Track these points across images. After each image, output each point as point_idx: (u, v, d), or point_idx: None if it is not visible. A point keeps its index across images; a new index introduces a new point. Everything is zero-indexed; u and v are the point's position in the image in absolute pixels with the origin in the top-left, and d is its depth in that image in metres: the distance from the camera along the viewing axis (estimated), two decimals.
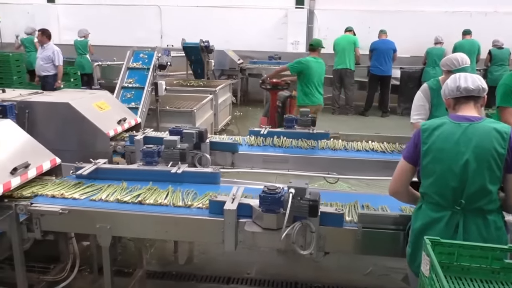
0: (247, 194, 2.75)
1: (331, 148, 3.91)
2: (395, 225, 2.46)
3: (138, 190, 2.86)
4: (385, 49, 9.95)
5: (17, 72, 10.32)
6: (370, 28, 10.98)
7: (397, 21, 11.18)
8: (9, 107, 3.84)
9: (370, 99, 10.42)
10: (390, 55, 9.98)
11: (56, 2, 13.58)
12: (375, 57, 10.05)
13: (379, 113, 10.36)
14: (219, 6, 12.40)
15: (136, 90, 6.29)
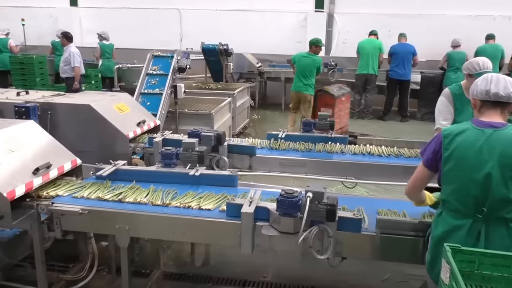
0: (264, 197, 2.75)
1: (349, 153, 3.87)
2: (414, 232, 2.43)
3: (156, 191, 2.88)
4: (404, 53, 9.84)
5: (40, 74, 10.53)
6: (390, 32, 10.87)
7: (417, 25, 11.05)
8: (32, 109, 3.92)
9: (389, 104, 10.31)
10: (410, 59, 9.86)
11: (79, 6, 13.83)
12: (394, 61, 9.94)
13: (398, 117, 10.25)
14: (239, 10, 12.45)
15: (160, 77, 6.50)
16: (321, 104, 7.93)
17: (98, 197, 2.78)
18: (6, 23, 11.68)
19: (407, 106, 10.19)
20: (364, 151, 3.88)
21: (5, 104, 4.15)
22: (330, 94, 7.97)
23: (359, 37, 10.40)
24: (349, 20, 12.02)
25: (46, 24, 13.19)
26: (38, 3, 13.56)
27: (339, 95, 8.02)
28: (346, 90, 8.54)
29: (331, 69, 10.26)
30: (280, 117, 10.52)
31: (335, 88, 8.28)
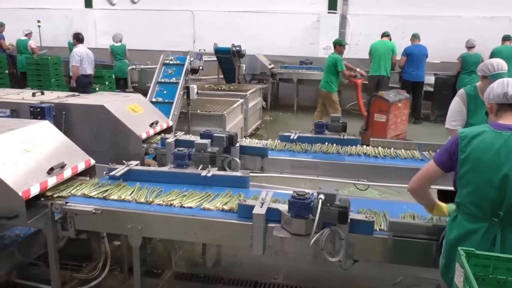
0: (276, 198, 2.74)
1: (362, 154, 3.85)
2: (427, 235, 2.40)
3: (169, 192, 2.90)
4: (418, 54, 9.75)
5: (55, 75, 10.67)
6: (404, 33, 10.79)
7: (431, 26, 10.96)
8: (47, 109, 3.97)
9: None
10: (423, 61, 9.78)
11: (94, 7, 13.98)
12: (408, 62, 9.85)
13: (412, 119, 10.15)
14: (252, 11, 12.48)
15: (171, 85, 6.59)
16: (375, 109, 7.73)
17: (111, 197, 2.80)
18: (22, 24, 11.85)
19: (421, 108, 10.11)
20: (377, 153, 3.86)
21: (20, 104, 4.21)
22: (384, 100, 7.65)
23: (372, 38, 10.34)
24: (362, 21, 11.96)
25: (62, 26, 13.38)
26: (54, 5, 13.74)
27: (394, 100, 7.69)
28: (404, 96, 8.17)
29: None
30: (292, 119, 10.51)
31: (392, 93, 7.97)
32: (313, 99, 12.02)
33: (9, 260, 3.01)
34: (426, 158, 3.75)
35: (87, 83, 8.89)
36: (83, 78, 8.74)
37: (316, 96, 11.40)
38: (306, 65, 11.40)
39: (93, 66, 9.05)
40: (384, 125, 7.55)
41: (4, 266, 2.98)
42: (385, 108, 7.60)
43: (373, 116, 7.71)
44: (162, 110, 5.85)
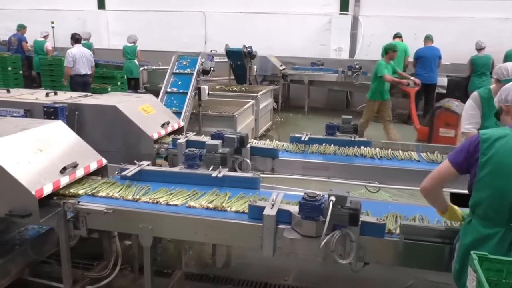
0: (286, 200, 2.74)
1: (373, 157, 3.83)
2: (440, 238, 2.38)
3: (179, 192, 2.91)
4: (431, 56, 9.65)
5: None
6: (416, 34, 10.71)
7: (444, 28, 10.87)
8: (60, 109, 4.01)
9: None
10: (436, 63, 9.69)
11: (106, 9, 14.11)
12: (420, 64, 9.76)
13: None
14: (263, 12, 12.49)
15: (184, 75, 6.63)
16: (440, 123, 6.85)
17: (123, 197, 2.82)
18: (38, 25, 12.00)
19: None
20: (388, 155, 3.84)
21: (34, 104, 4.26)
22: (452, 112, 6.68)
23: (384, 40, 10.27)
24: (374, 22, 11.91)
25: (75, 27, 13.45)
26: (67, 6, 13.90)
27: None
28: None
29: (355, 72, 10.20)
30: (303, 120, 10.49)
31: (454, 104, 6.94)
32: (324, 100, 12.02)
33: (22, 258, 3.04)
34: (438, 160, 3.72)
35: (83, 82, 9.02)
36: (78, 78, 8.92)
37: (328, 98, 11.37)
38: (317, 66, 11.37)
39: (89, 66, 9.13)
40: (452, 140, 6.43)
41: (17, 263, 3.01)
42: (453, 122, 6.64)
43: (438, 131, 6.80)
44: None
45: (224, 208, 2.69)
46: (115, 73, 10.69)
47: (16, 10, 13.76)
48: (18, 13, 13.46)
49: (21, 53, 11.40)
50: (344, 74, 10.41)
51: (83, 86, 8.99)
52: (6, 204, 2.60)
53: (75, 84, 8.91)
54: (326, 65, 11.33)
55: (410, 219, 2.62)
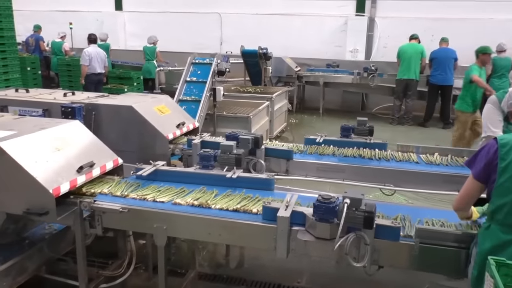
0: (300, 202, 2.73)
1: (388, 159, 3.80)
2: (456, 243, 2.34)
3: (194, 192, 2.93)
4: (445, 58, 9.57)
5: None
6: (434, 36, 10.60)
7: (462, 29, 10.73)
8: (77, 109, 4.06)
9: (430, 110, 10.04)
10: (451, 64, 9.58)
11: (123, 10, 14.26)
12: (434, 66, 9.68)
13: (440, 124, 9.97)
14: (279, 14, 12.49)
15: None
16: None
17: (138, 196, 2.84)
18: (56, 26, 12.19)
19: (450, 112, 9.88)
20: (404, 158, 3.80)
21: (53, 104, 4.32)
22: None
23: (401, 41, 10.21)
24: (391, 24, 11.82)
25: (93, 28, 13.64)
26: (85, 8, 14.09)
27: None
28: None
29: (371, 74, 10.14)
30: (318, 122, 10.46)
31: None
32: (339, 102, 11.97)
33: (39, 255, 3.09)
34: (453, 164, 3.67)
35: (97, 81, 9.48)
36: (93, 76, 9.36)
37: (343, 100, 11.32)
38: (332, 67, 11.32)
39: (103, 65, 9.54)
40: None
41: (34, 261, 3.06)
42: None
43: None
44: None
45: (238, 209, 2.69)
46: (132, 74, 10.80)
47: (35, 12, 13.99)
48: (37, 15, 13.69)
49: (39, 53, 11.59)
50: (360, 76, 10.35)
51: (97, 84, 9.43)
52: (24, 202, 2.64)
53: (89, 82, 9.31)
54: (342, 67, 11.27)
55: (426, 223, 2.59)
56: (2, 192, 2.67)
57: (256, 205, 2.75)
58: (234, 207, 2.71)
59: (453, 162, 3.70)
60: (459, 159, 3.74)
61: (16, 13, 8.59)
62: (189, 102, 6.41)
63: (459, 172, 3.44)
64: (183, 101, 6.46)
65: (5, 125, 3.07)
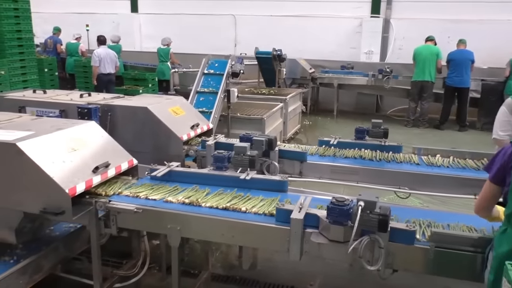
0: (314, 204, 2.72)
1: (403, 162, 3.76)
2: (472, 247, 2.31)
3: (208, 193, 2.93)
4: (462, 59, 9.43)
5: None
6: (450, 37, 10.48)
7: (479, 31, 10.58)
8: (94, 110, 4.10)
9: (446, 112, 9.91)
10: (468, 66, 9.44)
11: (139, 12, 14.39)
12: (451, 68, 9.55)
13: (456, 127, 9.84)
14: (293, 15, 12.48)
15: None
16: None
17: (152, 197, 2.86)
18: (72, 28, 12.35)
19: (466, 115, 9.76)
20: (419, 160, 3.76)
21: (69, 105, 4.38)
22: None
23: (416, 43, 10.11)
24: (406, 25, 11.72)
25: (109, 30, 13.81)
26: (102, 10, 14.26)
27: None
28: None
29: (386, 76, 10.06)
30: (332, 124, 10.42)
31: None
32: (354, 104, 11.90)
33: (55, 254, 3.13)
34: (469, 166, 3.62)
35: (107, 80, 9.75)
36: (103, 77, 9.66)
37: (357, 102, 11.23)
38: (347, 69, 11.26)
39: (114, 65, 9.82)
40: None
41: (50, 259, 3.10)
42: None
43: None
44: None
45: (251, 211, 2.69)
46: (147, 75, 10.90)
47: (52, 14, 14.21)
48: (55, 17, 13.89)
49: (56, 55, 11.77)
50: (375, 78, 10.28)
51: (108, 84, 9.70)
52: (41, 202, 2.68)
53: (100, 82, 9.61)
54: (356, 69, 11.21)
55: (441, 226, 2.56)
56: (19, 192, 2.71)
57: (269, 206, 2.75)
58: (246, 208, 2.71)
59: (470, 165, 3.65)
60: (477, 162, 3.68)
61: (34, 15, 8.74)
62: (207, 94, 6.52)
63: (477, 175, 3.40)
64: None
65: (23, 125, 3.11)
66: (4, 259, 2.94)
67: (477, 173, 3.45)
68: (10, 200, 2.74)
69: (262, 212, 2.68)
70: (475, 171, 3.53)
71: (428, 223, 2.58)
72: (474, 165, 3.64)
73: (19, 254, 2.97)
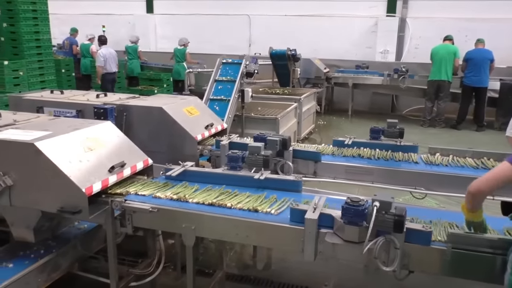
0: (329, 204, 2.71)
1: (419, 162, 3.72)
2: (491, 249, 2.27)
3: (222, 193, 2.94)
4: (481, 59, 9.27)
5: (117, 78, 11.16)
6: (468, 36, 10.33)
7: (497, 30, 10.41)
8: (109, 110, 4.15)
9: (463, 112, 9.77)
10: (487, 66, 9.29)
11: (155, 13, 14.50)
12: (469, 67, 9.41)
13: (473, 127, 9.69)
14: (308, 15, 12.44)
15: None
16: None
17: (167, 196, 2.88)
18: (89, 29, 12.51)
19: (484, 115, 9.61)
20: (435, 161, 3.72)
21: (86, 105, 4.43)
22: None
23: (433, 42, 9.99)
24: (423, 24, 11.59)
25: (124, 30, 14.00)
26: (118, 11, 14.41)
27: None
28: None
29: (401, 75, 9.97)
30: (347, 124, 10.36)
31: None
32: (369, 104, 11.82)
33: (72, 252, 3.17)
34: (486, 166, 3.56)
35: (111, 79, 10.14)
36: (108, 76, 10.00)
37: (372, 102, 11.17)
38: (362, 69, 11.19)
39: (117, 64, 10.21)
40: None
41: (68, 258, 3.14)
42: None
43: None
44: None
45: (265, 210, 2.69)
46: (162, 76, 10.98)
47: (70, 15, 14.40)
48: (72, 18, 14.09)
49: (72, 56, 11.94)
50: (390, 77, 10.20)
51: (112, 82, 10.10)
52: (58, 201, 2.72)
53: (106, 81, 9.95)
54: (371, 68, 11.13)
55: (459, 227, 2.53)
56: (37, 191, 2.75)
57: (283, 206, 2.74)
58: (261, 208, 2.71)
59: (488, 165, 3.59)
60: (494, 162, 3.62)
61: (52, 17, 8.86)
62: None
63: None
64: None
65: (41, 125, 3.17)
66: (23, 257, 2.99)
67: None
68: (29, 200, 2.79)
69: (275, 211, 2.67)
70: None
71: (448, 224, 2.55)
72: (492, 166, 3.58)
73: (38, 253, 3.02)
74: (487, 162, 3.66)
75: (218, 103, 6.55)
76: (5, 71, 7.56)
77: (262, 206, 2.74)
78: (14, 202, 2.80)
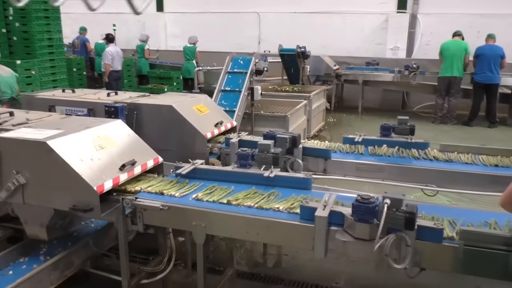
0: (339, 201, 2.70)
1: (430, 159, 3.69)
2: (505, 246, 2.24)
3: (232, 191, 2.95)
4: (491, 55, 9.16)
5: (127, 76, 11.25)
6: (479, 32, 10.21)
7: (509, 25, 10.27)
8: (120, 108, 4.18)
9: (475, 109, 9.66)
10: (497, 62, 9.16)
11: (165, 11, 14.54)
12: (479, 63, 9.29)
13: (485, 123, 9.58)
14: (318, 12, 12.39)
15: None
16: None
17: (178, 194, 2.89)
18: (100, 28, 12.59)
19: (496, 111, 9.50)
20: (447, 157, 3.68)
21: (97, 104, 4.47)
22: None
23: (444, 38, 9.89)
24: (434, 20, 11.48)
25: (135, 29, 14.06)
26: (128, 10, 14.38)
27: None
28: None
29: (412, 72, 9.90)
30: (357, 121, 10.31)
31: None
32: (379, 101, 11.75)
33: (84, 250, 3.21)
34: (499, 164, 3.52)
35: (117, 77, 10.32)
36: (114, 73, 10.17)
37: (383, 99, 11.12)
38: (372, 66, 11.12)
39: (122, 62, 10.42)
40: None
41: (80, 255, 3.17)
42: None
43: None
44: None
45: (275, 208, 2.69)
46: (172, 74, 11.02)
47: (81, 14, 14.47)
48: (83, 17, 14.16)
49: (84, 54, 12.03)
50: (401, 74, 10.12)
51: (117, 80, 10.25)
52: (70, 199, 2.74)
53: (112, 79, 10.10)
54: (382, 65, 11.06)
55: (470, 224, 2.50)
56: (50, 189, 2.78)
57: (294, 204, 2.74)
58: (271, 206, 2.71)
59: (501, 161, 3.55)
60: (508, 158, 3.58)
61: (63, 16, 8.94)
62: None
63: (508, 172, 3.31)
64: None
65: (53, 124, 3.20)
66: (36, 255, 3.03)
67: (508, 170, 3.35)
68: (42, 198, 2.82)
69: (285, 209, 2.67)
70: (505, 168, 3.43)
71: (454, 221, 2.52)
72: (505, 162, 3.54)
73: (51, 250, 3.06)
74: (500, 159, 3.61)
75: (229, 94, 6.57)
76: (17, 70, 7.65)
77: (272, 204, 2.73)
78: (27, 200, 2.84)
